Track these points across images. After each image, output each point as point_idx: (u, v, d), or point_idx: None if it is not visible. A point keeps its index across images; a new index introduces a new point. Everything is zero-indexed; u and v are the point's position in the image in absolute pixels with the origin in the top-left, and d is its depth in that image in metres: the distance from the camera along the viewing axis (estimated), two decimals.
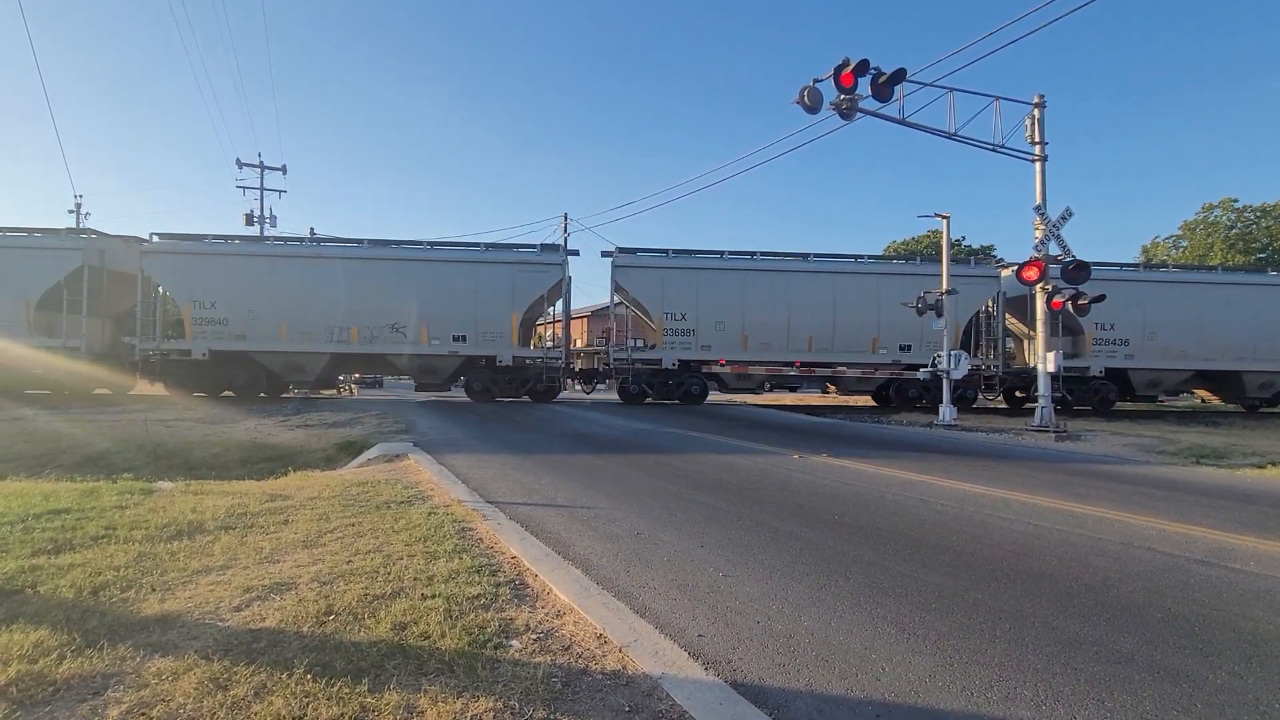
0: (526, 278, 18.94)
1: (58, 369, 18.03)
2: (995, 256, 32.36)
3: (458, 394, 22.14)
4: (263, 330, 18.26)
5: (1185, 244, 43.63)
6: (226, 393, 18.88)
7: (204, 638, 2.86)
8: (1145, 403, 23.28)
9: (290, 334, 18.31)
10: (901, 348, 19.36)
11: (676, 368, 19.24)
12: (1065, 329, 19.86)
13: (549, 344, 21.81)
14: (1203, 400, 26.62)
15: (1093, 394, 19.68)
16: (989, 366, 19.81)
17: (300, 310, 18.31)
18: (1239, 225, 41.81)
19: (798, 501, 6.20)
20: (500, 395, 19.40)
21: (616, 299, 20.10)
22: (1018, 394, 21.19)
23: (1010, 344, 21.70)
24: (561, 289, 19.74)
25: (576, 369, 22.19)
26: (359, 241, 19.22)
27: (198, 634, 2.91)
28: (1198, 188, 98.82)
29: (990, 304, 20.08)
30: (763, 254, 19.99)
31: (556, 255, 19.65)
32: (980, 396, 20.63)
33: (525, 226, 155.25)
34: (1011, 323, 21.19)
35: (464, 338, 18.57)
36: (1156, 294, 19.73)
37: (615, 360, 19.39)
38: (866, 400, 22.45)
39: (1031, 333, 20.33)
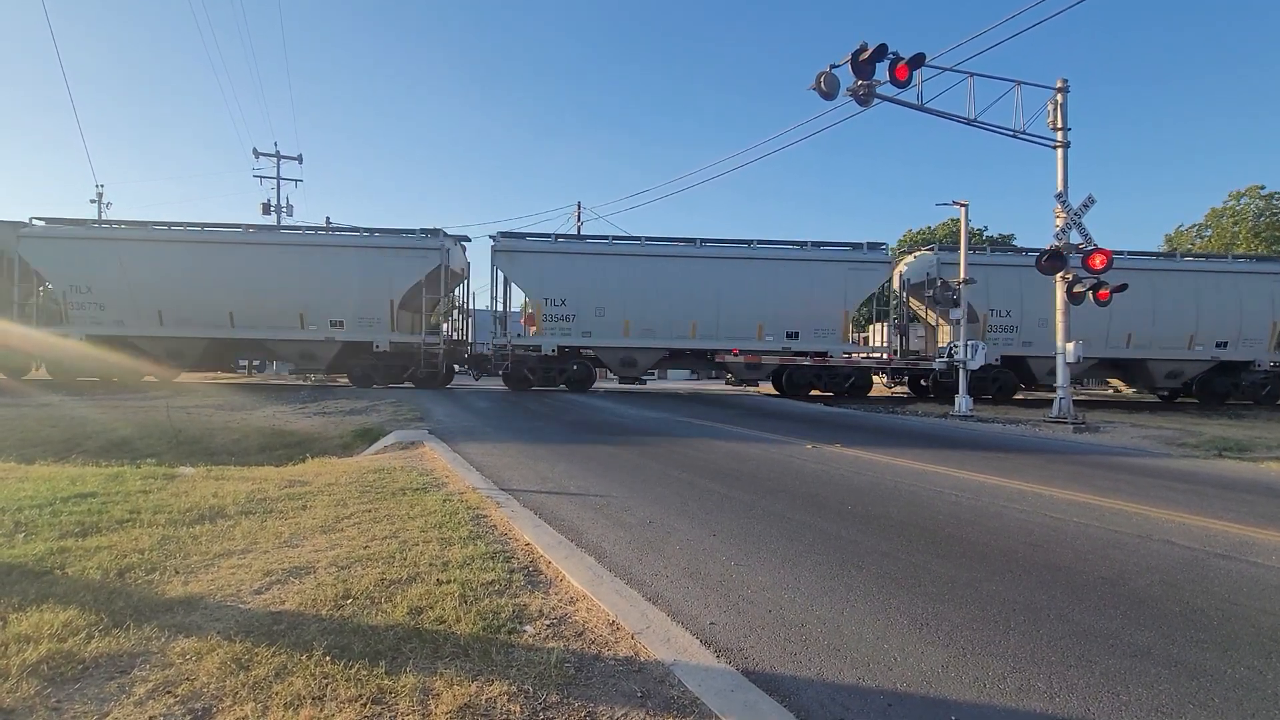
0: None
1: None
2: (1017, 245, 31.89)
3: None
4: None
5: (1210, 232, 42.55)
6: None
7: (226, 619, 2.93)
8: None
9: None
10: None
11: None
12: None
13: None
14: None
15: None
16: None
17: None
18: (1266, 214, 40.68)
19: (811, 491, 6.19)
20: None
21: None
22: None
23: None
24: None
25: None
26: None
27: (220, 616, 2.97)
28: (1229, 173, 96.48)
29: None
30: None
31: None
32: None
33: (538, 214, 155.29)
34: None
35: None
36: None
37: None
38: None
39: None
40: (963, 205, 16.84)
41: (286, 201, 32.42)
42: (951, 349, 16.21)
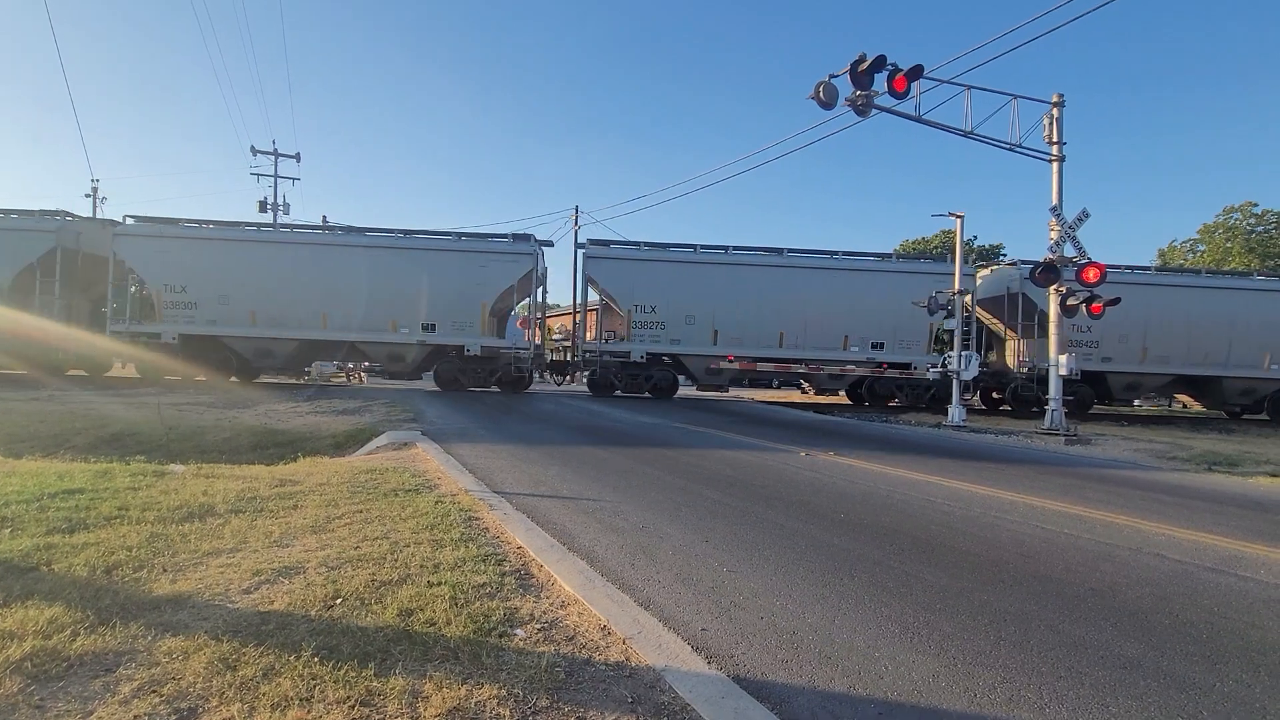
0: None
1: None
2: (1004, 255, 32.12)
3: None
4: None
5: (1203, 248, 42.93)
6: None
7: (214, 619, 2.90)
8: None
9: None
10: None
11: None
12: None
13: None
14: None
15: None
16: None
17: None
18: (1259, 230, 41.10)
19: (804, 499, 6.20)
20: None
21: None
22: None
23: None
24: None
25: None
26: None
27: (208, 615, 2.95)
28: (1222, 188, 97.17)
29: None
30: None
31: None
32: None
33: (537, 218, 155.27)
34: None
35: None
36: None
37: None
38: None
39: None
40: (958, 216, 16.94)
41: (284, 199, 32.39)
42: (945, 359, 16.28)
